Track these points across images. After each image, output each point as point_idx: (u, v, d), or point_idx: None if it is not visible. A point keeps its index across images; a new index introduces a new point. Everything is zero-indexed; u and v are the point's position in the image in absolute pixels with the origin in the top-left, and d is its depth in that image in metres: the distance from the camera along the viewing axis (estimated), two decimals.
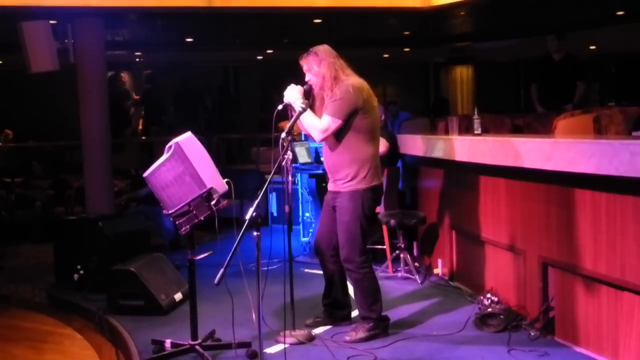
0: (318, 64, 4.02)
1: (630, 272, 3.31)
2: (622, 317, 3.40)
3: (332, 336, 4.12)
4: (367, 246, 5.86)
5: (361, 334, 4.05)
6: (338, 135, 4.01)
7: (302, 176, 6.51)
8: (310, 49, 4.08)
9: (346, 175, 4.03)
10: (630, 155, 3.14)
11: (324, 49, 4.08)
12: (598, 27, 10.52)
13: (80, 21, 6.90)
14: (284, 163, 3.89)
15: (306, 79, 4.10)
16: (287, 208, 4.02)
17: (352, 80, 4.03)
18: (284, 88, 4.06)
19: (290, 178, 3.99)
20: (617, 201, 3.38)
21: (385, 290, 5.01)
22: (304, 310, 4.42)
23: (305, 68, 4.09)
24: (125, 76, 12.89)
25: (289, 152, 3.97)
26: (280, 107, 3.98)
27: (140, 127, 12.61)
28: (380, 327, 4.12)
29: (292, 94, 4.00)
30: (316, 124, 3.99)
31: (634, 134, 4.59)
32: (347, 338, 4.05)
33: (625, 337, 3.37)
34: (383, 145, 5.91)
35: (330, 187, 4.18)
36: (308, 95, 4.07)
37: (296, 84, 4.06)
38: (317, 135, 4.02)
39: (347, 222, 4.04)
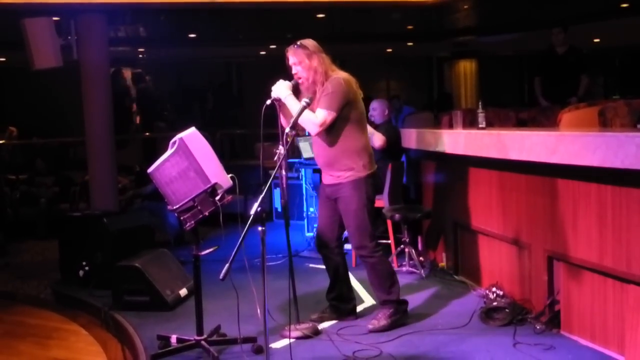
0: (309, 57, 4.03)
1: (636, 265, 3.29)
2: (628, 310, 3.39)
3: (337, 330, 4.12)
4: None
5: (384, 322, 4.10)
6: (332, 129, 4.04)
7: (306, 171, 6.50)
8: (298, 42, 4.07)
9: (345, 166, 4.07)
10: (636, 147, 3.13)
11: (312, 42, 4.09)
12: (602, 19, 10.48)
13: (83, 17, 6.91)
14: (275, 158, 3.89)
15: (293, 72, 4.09)
16: (282, 202, 4.03)
17: (341, 74, 4.09)
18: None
19: (284, 172, 3.99)
20: (623, 194, 3.36)
21: None
22: (309, 305, 4.42)
23: (293, 61, 4.07)
24: (127, 72, 12.86)
25: (280, 147, 3.96)
26: (268, 102, 3.98)
27: (138, 121, 12.55)
28: (400, 312, 4.19)
29: (282, 89, 4.01)
30: (312, 118, 4.00)
31: (639, 126, 4.57)
32: (370, 327, 4.10)
33: (631, 330, 3.36)
34: (380, 139, 5.90)
35: (328, 180, 4.20)
36: (297, 90, 4.07)
37: (284, 79, 4.06)
38: (313, 129, 4.04)
39: (355, 210, 4.08)
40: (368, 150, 4.16)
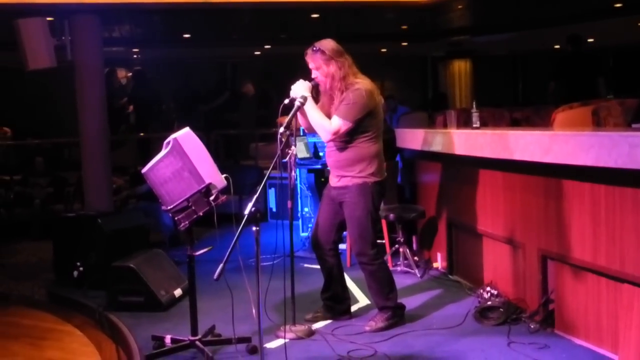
0: (326, 63, 3.98)
1: (630, 263, 3.31)
2: (622, 309, 3.40)
3: (332, 330, 4.12)
4: None
5: (381, 324, 4.11)
6: (346, 135, 4.01)
7: (301, 171, 6.50)
8: (316, 46, 4.01)
9: (355, 171, 4.04)
10: (629, 147, 3.14)
11: (331, 46, 4.02)
12: (596, 19, 10.51)
13: (77, 18, 6.88)
14: (287, 159, 3.89)
15: (313, 76, 4.06)
16: (289, 203, 4.01)
17: (364, 84, 4.01)
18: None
19: (293, 174, 3.99)
20: (617, 193, 3.37)
21: None
22: (304, 305, 4.42)
23: (311, 65, 4.05)
24: (121, 73, 12.84)
25: (293, 148, 3.97)
26: (286, 101, 3.96)
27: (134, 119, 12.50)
28: (398, 315, 4.20)
29: (300, 90, 3.99)
30: (325, 125, 3.97)
31: (634, 125, 4.59)
32: (367, 328, 4.11)
33: (625, 328, 3.37)
34: None
35: (335, 182, 4.16)
36: (316, 90, 4.06)
37: (304, 79, 4.03)
38: (325, 136, 4.02)
39: (359, 217, 4.06)
40: (380, 157, 4.11)
